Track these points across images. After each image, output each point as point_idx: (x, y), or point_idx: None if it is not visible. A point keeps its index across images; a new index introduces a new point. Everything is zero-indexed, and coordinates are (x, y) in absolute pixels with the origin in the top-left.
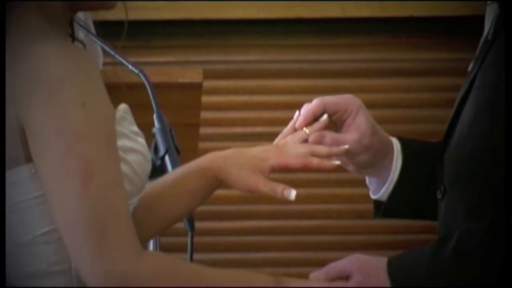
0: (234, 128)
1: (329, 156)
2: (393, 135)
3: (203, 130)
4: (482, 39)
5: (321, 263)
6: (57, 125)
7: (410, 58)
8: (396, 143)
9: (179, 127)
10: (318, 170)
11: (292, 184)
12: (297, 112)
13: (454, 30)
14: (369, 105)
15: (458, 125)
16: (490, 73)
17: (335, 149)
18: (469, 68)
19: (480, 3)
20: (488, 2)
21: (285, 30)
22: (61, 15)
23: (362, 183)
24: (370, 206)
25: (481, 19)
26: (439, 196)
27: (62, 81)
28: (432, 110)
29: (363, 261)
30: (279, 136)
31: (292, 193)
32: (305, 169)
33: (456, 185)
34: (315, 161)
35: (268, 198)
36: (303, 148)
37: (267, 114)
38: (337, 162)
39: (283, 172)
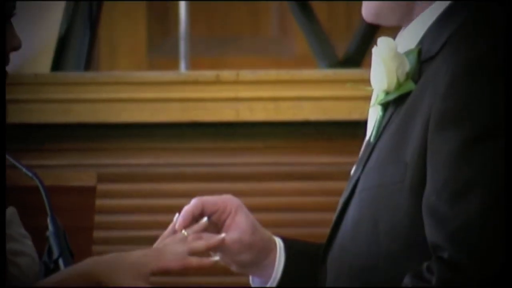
0: (128, 232)
1: (207, 249)
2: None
3: (97, 234)
4: (364, 142)
5: None
6: None
7: (305, 161)
8: (279, 242)
9: (73, 231)
10: (199, 268)
11: None
12: (176, 215)
13: (349, 134)
14: (264, 209)
15: (341, 228)
16: (373, 176)
17: (212, 240)
18: (352, 171)
19: None
20: (371, 104)
21: (180, 133)
22: None
23: None
24: None
25: None
26: None
27: None
28: (327, 214)
29: None
30: (159, 239)
31: None
32: (186, 269)
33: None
34: (194, 261)
35: None
36: (181, 247)
37: (162, 218)
38: (216, 258)
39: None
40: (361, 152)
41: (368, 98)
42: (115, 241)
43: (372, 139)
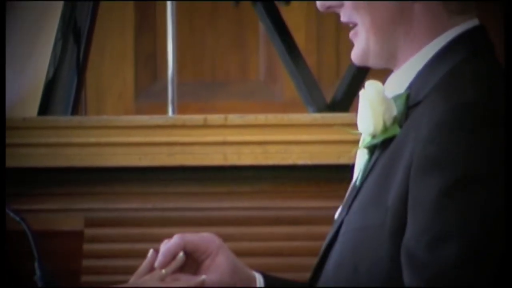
0: (116, 277)
1: None
2: None
3: (85, 278)
4: (351, 185)
5: None
6: None
7: (293, 206)
8: (259, 279)
9: (61, 275)
10: None
11: None
12: (151, 251)
13: (338, 178)
14: (252, 254)
15: (324, 271)
16: (355, 219)
17: (192, 283)
18: (336, 214)
19: None
20: (359, 146)
21: (168, 177)
22: None
23: None
24: None
25: None
26: None
27: None
28: (316, 259)
29: None
30: (134, 276)
31: None
32: None
33: None
34: None
35: None
36: None
37: None
38: None
39: None
40: (346, 195)
41: (357, 142)
42: (103, 285)
43: (357, 183)
